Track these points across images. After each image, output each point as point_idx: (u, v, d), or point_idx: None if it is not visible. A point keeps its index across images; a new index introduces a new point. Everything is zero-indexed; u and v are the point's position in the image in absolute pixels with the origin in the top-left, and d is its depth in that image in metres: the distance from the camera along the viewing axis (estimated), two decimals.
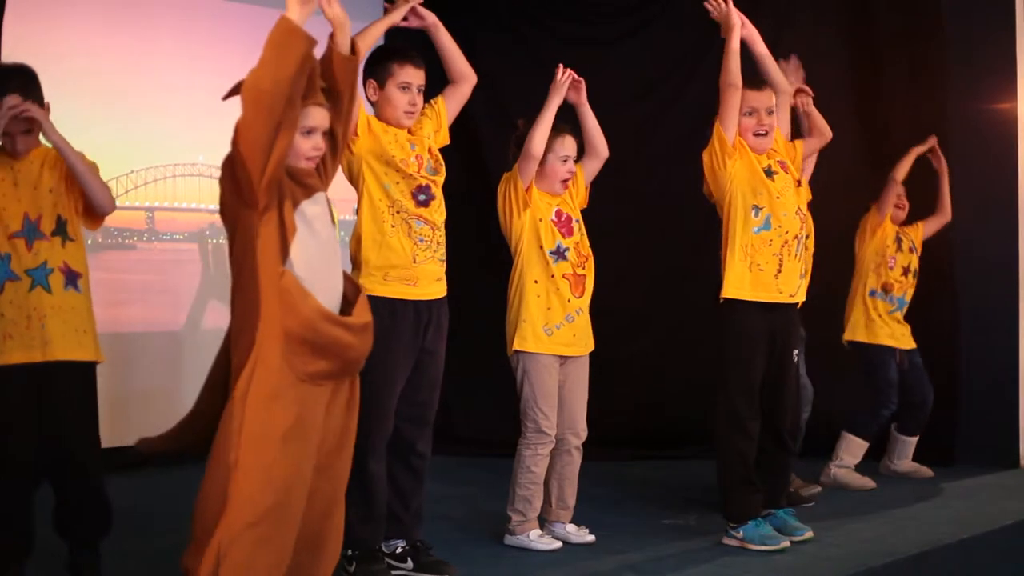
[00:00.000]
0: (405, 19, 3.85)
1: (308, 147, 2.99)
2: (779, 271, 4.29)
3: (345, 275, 3.08)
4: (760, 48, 4.33)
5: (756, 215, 4.29)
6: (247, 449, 2.80)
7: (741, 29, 4.26)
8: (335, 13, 3.08)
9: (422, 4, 3.86)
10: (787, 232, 4.29)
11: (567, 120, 4.28)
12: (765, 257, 4.28)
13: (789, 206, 4.31)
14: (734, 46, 4.23)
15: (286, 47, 2.75)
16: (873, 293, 5.68)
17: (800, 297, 4.41)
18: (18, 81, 3.54)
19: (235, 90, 2.85)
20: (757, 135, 4.31)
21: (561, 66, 4.25)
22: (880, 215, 5.67)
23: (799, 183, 4.41)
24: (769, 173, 4.31)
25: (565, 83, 4.23)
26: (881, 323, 5.66)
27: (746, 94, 4.26)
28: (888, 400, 5.59)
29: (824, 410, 5.45)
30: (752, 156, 4.31)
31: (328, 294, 2.97)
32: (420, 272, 3.74)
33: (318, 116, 3.00)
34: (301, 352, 2.86)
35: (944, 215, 5.88)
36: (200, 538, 2.82)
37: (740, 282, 4.27)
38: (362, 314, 3.01)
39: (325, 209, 3.07)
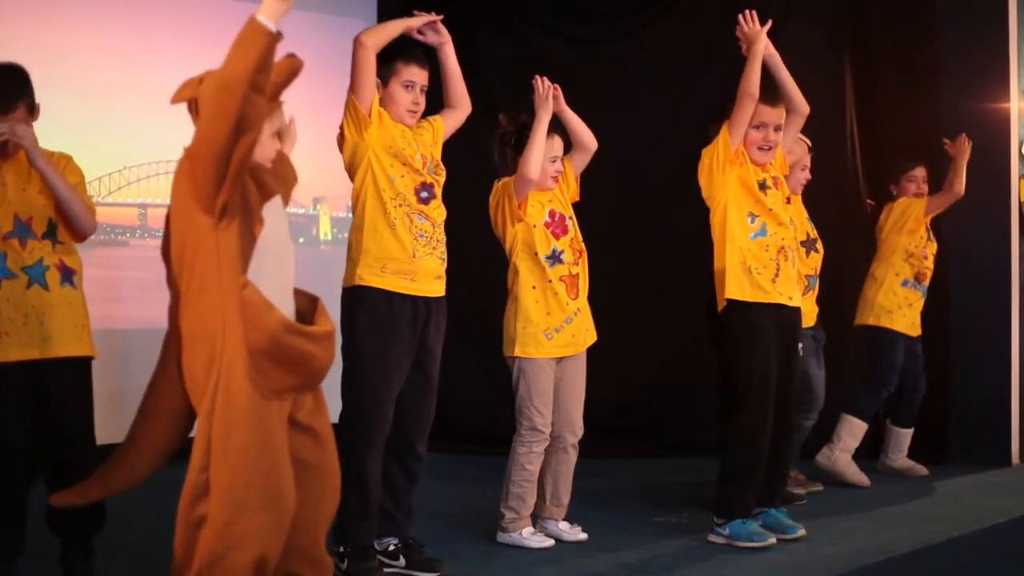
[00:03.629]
0: (421, 32, 3.84)
1: (273, 150, 2.90)
2: (776, 276, 4.30)
3: (297, 290, 2.95)
4: (784, 72, 4.32)
5: (752, 222, 4.30)
6: (218, 471, 2.72)
7: (765, 49, 4.25)
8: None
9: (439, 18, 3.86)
10: (783, 239, 4.32)
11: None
12: (763, 262, 4.29)
13: (782, 216, 4.34)
14: (757, 58, 4.21)
15: (247, 42, 2.64)
16: (906, 283, 5.71)
17: (798, 301, 4.42)
18: (9, 84, 3.46)
19: (185, 93, 2.77)
20: (761, 149, 4.31)
21: (539, 79, 4.23)
22: (926, 215, 5.69)
23: (788, 200, 4.46)
24: (763, 187, 4.33)
25: (549, 95, 4.21)
26: (907, 311, 5.70)
27: (759, 108, 4.25)
28: (890, 381, 5.67)
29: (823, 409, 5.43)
30: (750, 167, 4.32)
31: (285, 300, 2.86)
32: (419, 267, 3.73)
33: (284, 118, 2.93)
34: (265, 367, 2.72)
35: (956, 191, 5.70)
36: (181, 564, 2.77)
37: (740, 284, 4.27)
38: (324, 323, 2.88)
39: (282, 213, 2.97)
